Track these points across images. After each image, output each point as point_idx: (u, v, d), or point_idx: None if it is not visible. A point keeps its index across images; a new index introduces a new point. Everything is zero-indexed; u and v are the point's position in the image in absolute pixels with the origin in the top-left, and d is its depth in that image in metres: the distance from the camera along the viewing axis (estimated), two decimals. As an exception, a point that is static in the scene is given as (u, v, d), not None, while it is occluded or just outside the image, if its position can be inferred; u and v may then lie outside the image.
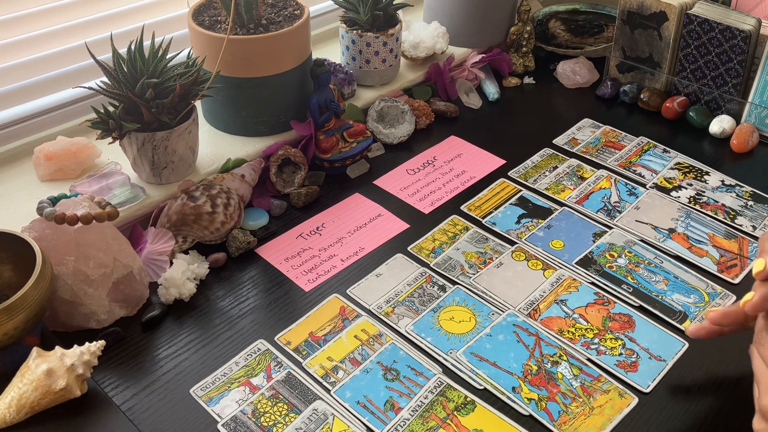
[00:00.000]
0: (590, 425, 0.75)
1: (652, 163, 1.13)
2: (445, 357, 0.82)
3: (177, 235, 0.94)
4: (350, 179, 1.09)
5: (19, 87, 1.03)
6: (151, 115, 0.91)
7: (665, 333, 0.85)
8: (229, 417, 0.76)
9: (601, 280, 0.92)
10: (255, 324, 0.86)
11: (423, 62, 1.27)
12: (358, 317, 0.87)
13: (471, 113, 1.25)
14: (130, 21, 1.13)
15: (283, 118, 1.09)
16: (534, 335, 0.85)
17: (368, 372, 0.80)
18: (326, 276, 0.93)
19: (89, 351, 0.75)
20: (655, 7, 1.20)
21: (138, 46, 0.90)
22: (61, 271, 0.80)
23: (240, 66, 1.02)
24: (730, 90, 1.19)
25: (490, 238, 0.98)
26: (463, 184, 1.09)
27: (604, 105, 1.28)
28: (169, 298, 0.87)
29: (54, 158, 0.98)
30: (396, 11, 1.20)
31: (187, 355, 0.82)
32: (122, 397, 0.77)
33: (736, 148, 1.15)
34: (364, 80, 1.21)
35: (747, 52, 1.14)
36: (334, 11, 1.36)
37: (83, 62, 1.07)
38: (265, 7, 1.08)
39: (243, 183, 1.00)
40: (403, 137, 1.16)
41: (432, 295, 0.90)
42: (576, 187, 1.08)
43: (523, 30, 1.33)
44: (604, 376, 0.80)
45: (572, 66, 1.32)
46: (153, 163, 0.95)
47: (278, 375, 0.80)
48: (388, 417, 0.76)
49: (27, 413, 0.73)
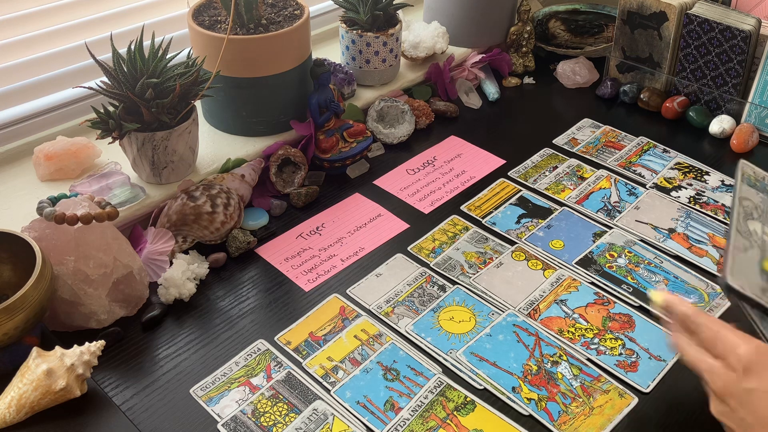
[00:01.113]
0: (590, 425, 0.75)
1: (652, 163, 1.13)
2: (445, 357, 0.82)
3: (177, 235, 0.94)
4: (350, 179, 1.09)
5: (19, 87, 1.03)
6: (151, 115, 0.91)
7: (665, 333, 0.85)
8: (229, 417, 0.76)
9: (601, 280, 0.92)
10: (255, 324, 0.86)
11: (423, 62, 1.27)
12: (358, 317, 0.87)
13: (471, 113, 1.25)
14: (130, 21, 1.13)
15: (283, 118, 1.09)
16: (534, 335, 0.84)
17: (368, 372, 0.80)
18: (326, 276, 0.93)
19: (89, 351, 0.75)
20: (655, 7, 1.20)
21: (138, 46, 0.90)
22: (61, 271, 0.80)
23: (240, 66, 1.02)
24: (730, 90, 1.18)
25: (490, 238, 0.98)
26: (463, 184, 1.09)
27: (604, 105, 1.27)
28: (169, 298, 0.87)
29: (54, 158, 0.98)
30: (396, 11, 1.20)
31: (187, 355, 0.82)
32: (122, 397, 0.77)
33: (736, 148, 1.15)
34: (364, 80, 1.21)
35: (747, 52, 1.14)
36: (334, 11, 1.36)
37: (83, 62, 1.07)
38: (265, 7, 1.08)
39: (243, 183, 1.00)
40: (403, 137, 1.16)
41: (432, 295, 0.90)
42: (576, 187, 1.08)
43: (523, 30, 1.33)
44: (604, 376, 0.80)
45: (572, 66, 1.32)
46: (153, 163, 0.95)
47: (278, 375, 0.80)
48: (388, 417, 0.76)
49: (27, 413, 0.73)
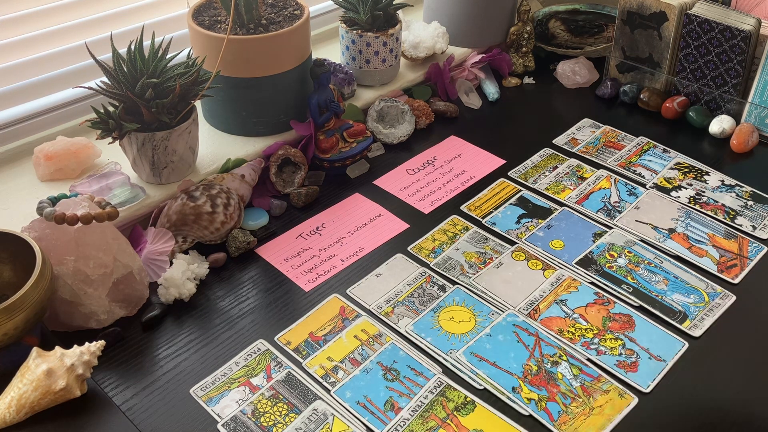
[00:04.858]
0: (590, 425, 0.75)
1: (652, 163, 1.13)
2: (445, 357, 0.82)
3: (177, 235, 0.94)
4: (350, 179, 1.09)
5: (19, 87, 1.03)
6: (151, 115, 0.91)
7: (665, 333, 0.85)
8: (229, 417, 0.76)
9: (601, 280, 0.92)
10: (255, 324, 0.86)
11: (423, 62, 1.27)
12: (358, 317, 0.87)
13: (471, 113, 1.25)
14: (130, 21, 1.13)
15: (283, 118, 1.09)
16: (534, 335, 0.84)
17: (368, 372, 0.80)
18: (326, 276, 0.93)
19: (89, 351, 0.75)
20: (655, 7, 1.20)
21: (138, 46, 0.90)
22: (61, 271, 0.80)
23: (240, 66, 1.02)
24: (730, 90, 1.18)
25: (490, 238, 0.98)
26: (463, 184, 1.09)
27: (604, 105, 1.27)
28: (169, 298, 0.87)
29: (54, 158, 0.98)
30: (396, 11, 1.20)
31: (187, 355, 0.82)
32: (122, 397, 0.77)
33: (736, 148, 1.15)
34: (364, 80, 1.21)
35: (747, 52, 1.14)
36: (334, 11, 1.36)
37: (83, 62, 1.07)
38: (265, 7, 1.08)
39: (243, 183, 1.00)
40: (403, 137, 1.16)
41: (432, 295, 0.90)
42: (576, 187, 1.08)
43: (523, 30, 1.33)
44: (604, 376, 0.80)
45: (572, 66, 1.32)
46: (153, 163, 0.95)
47: (278, 375, 0.80)
48: (388, 417, 0.76)
49: (27, 413, 0.73)
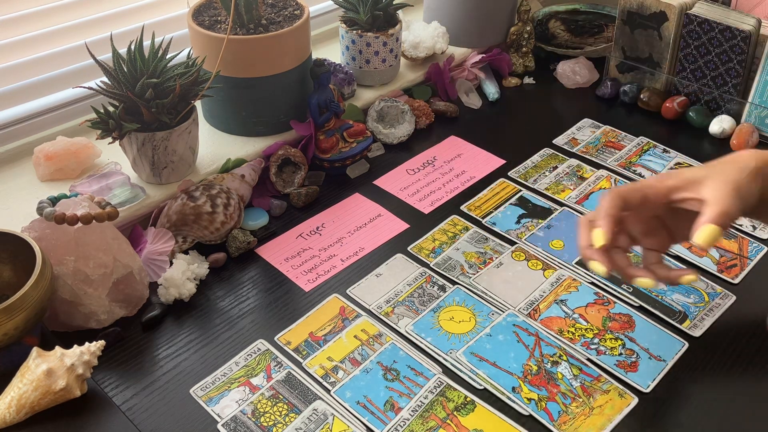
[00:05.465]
0: (590, 425, 0.75)
1: (652, 163, 1.13)
2: (445, 357, 0.82)
3: (177, 235, 0.94)
4: (350, 179, 1.09)
5: (19, 87, 1.03)
6: (151, 115, 0.91)
7: (665, 333, 0.85)
8: (229, 417, 0.76)
9: (601, 280, 0.92)
10: (255, 324, 0.86)
11: (423, 62, 1.27)
12: (358, 317, 0.87)
13: (471, 113, 1.25)
14: (130, 21, 1.13)
15: (283, 118, 1.09)
16: (534, 335, 0.84)
17: (368, 372, 0.80)
18: (326, 276, 0.93)
19: (89, 351, 0.75)
20: (655, 7, 1.20)
21: (138, 46, 0.90)
22: (61, 271, 0.80)
23: (240, 66, 1.02)
24: (730, 90, 1.18)
25: (490, 238, 0.98)
26: (463, 184, 1.09)
27: (604, 105, 1.27)
28: (169, 298, 0.87)
29: (54, 158, 0.98)
30: (396, 11, 1.20)
31: (187, 355, 0.82)
32: (122, 397, 0.77)
33: (736, 148, 1.15)
34: (364, 80, 1.21)
35: (747, 52, 1.14)
36: (334, 11, 1.35)
37: (83, 62, 1.07)
38: (265, 7, 1.08)
39: (243, 183, 1.00)
40: (403, 137, 1.16)
41: (432, 295, 0.90)
42: (576, 187, 1.08)
43: (523, 30, 1.33)
44: (604, 376, 0.80)
45: (572, 66, 1.32)
46: (153, 163, 0.95)
47: (278, 375, 0.80)
48: (388, 417, 0.76)
49: (27, 413, 0.73)
